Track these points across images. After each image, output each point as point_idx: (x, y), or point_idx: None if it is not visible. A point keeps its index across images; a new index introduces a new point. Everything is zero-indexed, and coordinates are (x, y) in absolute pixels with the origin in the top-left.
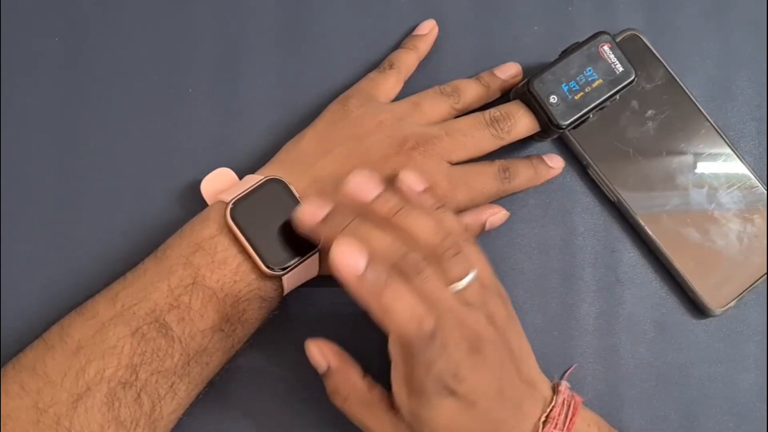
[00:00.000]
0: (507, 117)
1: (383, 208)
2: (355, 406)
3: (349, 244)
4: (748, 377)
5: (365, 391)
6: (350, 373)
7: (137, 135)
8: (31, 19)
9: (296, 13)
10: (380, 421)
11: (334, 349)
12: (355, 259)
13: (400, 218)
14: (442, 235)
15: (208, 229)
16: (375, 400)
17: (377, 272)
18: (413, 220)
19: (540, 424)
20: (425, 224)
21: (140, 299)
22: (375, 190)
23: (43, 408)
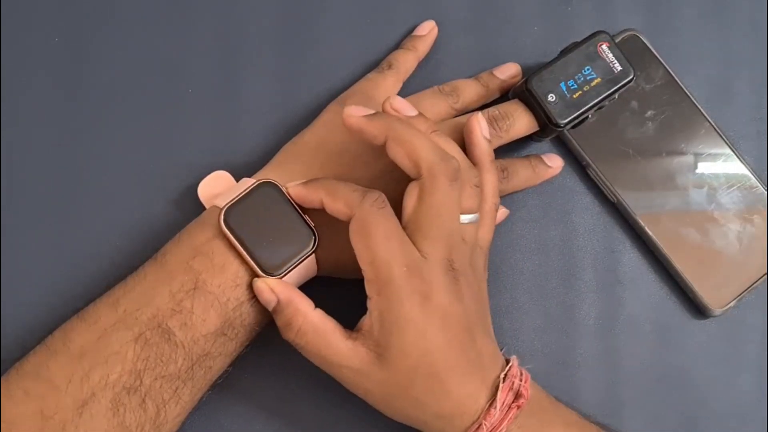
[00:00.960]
0: (505, 116)
1: (422, 126)
2: (309, 335)
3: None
4: (748, 377)
5: (317, 320)
6: (301, 303)
7: (137, 136)
8: (31, 19)
9: (296, 14)
10: (336, 349)
11: (282, 284)
12: (365, 109)
13: (437, 137)
14: (469, 165)
15: (204, 234)
16: (329, 330)
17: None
18: (449, 143)
19: (501, 379)
20: (457, 150)
21: (142, 304)
22: (413, 111)
23: (48, 414)
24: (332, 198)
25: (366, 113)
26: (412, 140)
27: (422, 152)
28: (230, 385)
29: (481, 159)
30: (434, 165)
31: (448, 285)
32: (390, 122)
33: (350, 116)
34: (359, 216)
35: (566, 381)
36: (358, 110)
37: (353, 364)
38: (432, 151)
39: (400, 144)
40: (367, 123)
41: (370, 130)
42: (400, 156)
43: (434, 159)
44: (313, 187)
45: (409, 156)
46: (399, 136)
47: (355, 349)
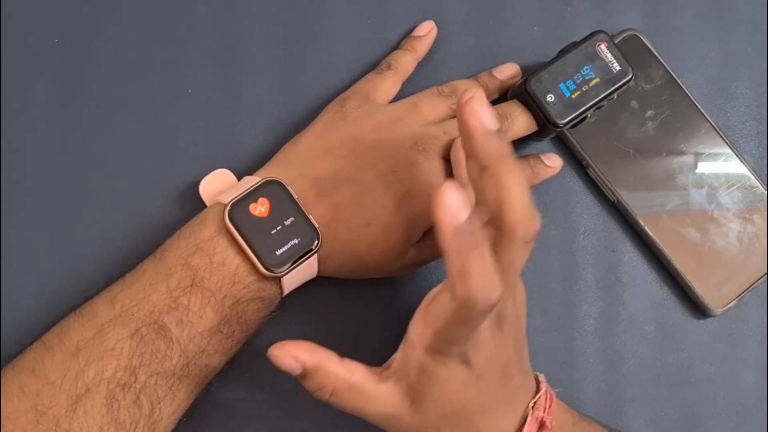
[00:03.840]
0: (504, 116)
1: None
2: (343, 395)
3: (457, 190)
4: (749, 377)
5: (349, 378)
6: (328, 364)
7: (136, 135)
8: (30, 19)
9: (295, 14)
10: (371, 401)
11: (304, 346)
12: (459, 208)
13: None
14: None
15: (207, 230)
16: (360, 382)
17: (472, 230)
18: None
19: (530, 410)
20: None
21: (139, 301)
22: (494, 124)
23: (42, 410)
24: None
25: (490, 124)
26: (510, 188)
27: (514, 206)
28: (230, 384)
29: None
30: (519, 224)
31: (491, 335)
32: (501, 155)
33: (474, 115)
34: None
35: (567, 381)
36: (485, 114)
37: (388, 410)
38: (524, 208)
39: (496, 184)
40: (483, 138)
41: (479, 147)
42: (490, 195)
43: (522, 218)
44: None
45: (498, 201)
46: (503, 174)
47: (389, 396)
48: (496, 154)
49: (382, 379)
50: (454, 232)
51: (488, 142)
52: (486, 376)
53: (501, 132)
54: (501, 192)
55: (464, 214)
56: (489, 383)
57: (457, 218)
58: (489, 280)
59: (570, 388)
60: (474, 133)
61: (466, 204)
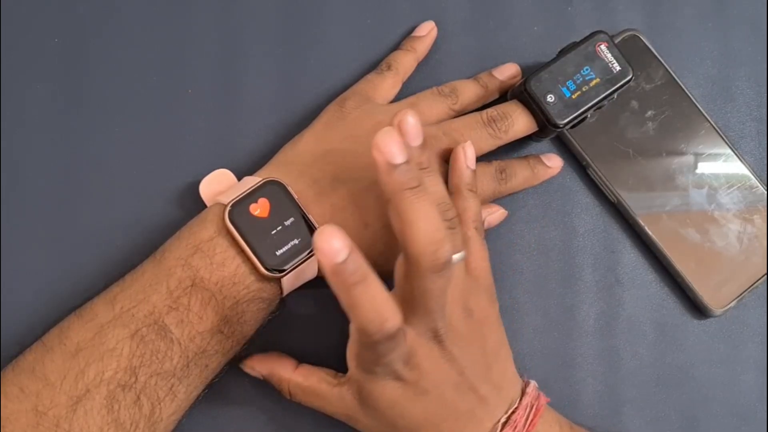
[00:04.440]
0: (504, 117)
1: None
2: (301, 397)
3: (335, 231)
4: (749, 378)
5: (301, 381)
6: (281, 371)
7: (136, 136)
8: (30, 19)
9: (295, 14)
10: (328, 401)
11: (260, 358)
12: (338, 248)
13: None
14: (449, 206)
15: (207, 230)
16: (314, 385)
17: (355, 264)
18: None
19: (499, 425)
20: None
21: (139, 301)
22: (417, 140)
23: (42, 411)
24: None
25: (395, 159)
26: (410, 221)
27: (415, 238)
28: (229, 384)
29: (459, 187)
30: (422, 257)
31: (429, 353)
32: (400, 188)
33: (378, 150)
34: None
35: (566, 381)
36: (390, 148)
37: (342, 410)
38: (425, 239)
39: (399, 217)
40: (384, 173)
41: (382, 181)
42: (395, 227)
43: (424, 251)
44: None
45: (401, 234)
46: (401, 209)
47: (343, 398)
48: (398, 188)
49: (339, 383)
50: (333, 272)
51: (390, 177)
52: (432, 392)
53: (405, 165)
54: (403, 225)
55: (343, 254)
56: (436, 399)
57: (335, 259)
58: (377, 312)
59: (569, 389)
60: (378, 166)
61: (345, 243)
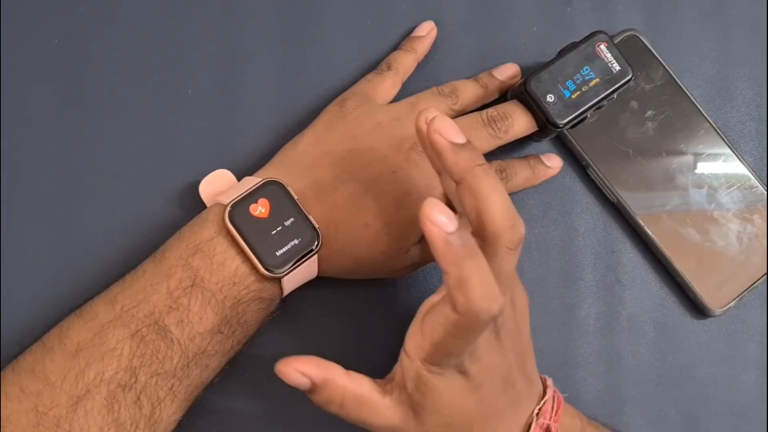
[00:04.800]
0: (504, 117)
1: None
2: (351, 408)
3: (441, 205)
4: (749, 377)
5: (355, 390)
6: (336, 378)
7: (136, 136)
8: (30, 20)
9: (295, 14)
10: (378, 413)
11: (311, 361)
12: (446, 220)
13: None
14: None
15: (207, 231)
16: (366, 394)
17: (464, 239)
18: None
19: (534, 417)
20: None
21: (139, 301)
22: (461, 138)
23: (42, 411)
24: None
25: (457, 138)
26: (488, 197)
27: (494, 214)
28: (230, 384)
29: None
30: (502, 232)
31: (488, 344)
32: (473, 166)
33: (438, 132)
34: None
35: (567, 381)
36: (450, 129)
37: (392, 423)
38: (504, 214)
39: (474, 196)
40: (450, 152)
41: (449, 163)
42: (469, 207)
43: (504, 225)
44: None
45: (477, 212)
46: (476, 186)
47: (393, 408)
48: (469, 166)
49: (386, 391)
50: (446, 243)
51: (458, 156)
52: (485, 385)
53: (469, 144)
54: (479, 203)
55: (452, 226)
56: (488, 392)
57: (445, 230)
58: (490, 290)
59: (570, 389)
60: (443, 149)
61: (452, 216)
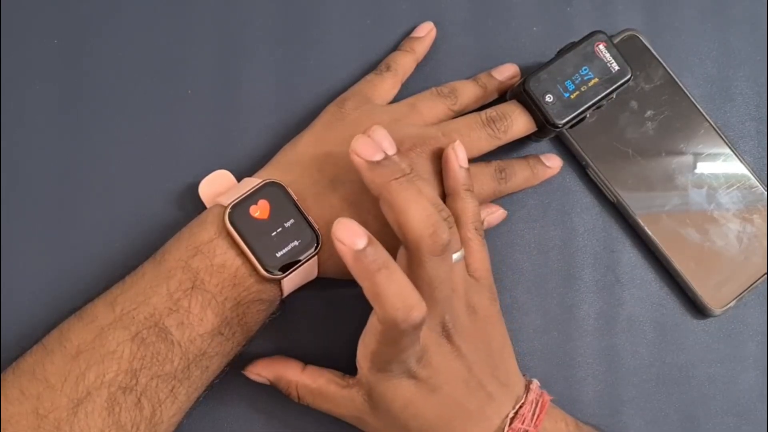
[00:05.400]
0: (503, 117)
1: (397, 168)
2: (309, 398)
3: (351, 222)
4: (748, 377)
5: (310, 383)
6: (288, 374)
7: (136, 137)
8: (30, 20)
9: (295, 15)
10: (337, 404)
11: (265, 363)
12: (357, 236)
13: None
14: (441, 206)
15: (207, 232)
16: (323, 386)
17: (375, 254)
18: (426, 186)
19: (507, 420)
20: (433, 193)
21: (139, 303)
22: (391, 149)
23: (43, 413)
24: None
25: (373, 156)
26: (404, 209)
27: (412, 223)
28: (230, 385)
29: (455, 188)
30: (421, 241)
31: (439, 349)
32: (387, 180)
33: (355, 154)
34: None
35: (566, 381)
36: (366, 149)
37: (352, 412)
38: (422, 224)
39: (391, 209)
40: (366, 171)
41: (368, 179)
42: (390, 221)
43: (421, 234)
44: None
45: (397, 224)
46: (392, 199)
47: (352, 400)
48: (384, 181)
49: (347, 385)
50: (355, 260)
51: (373, 173)
52: (443, 389)
53: (386, 160)
54: (397, 215)
55: (362, 243)
56: (448, 395)
57: (354, 247)
58: (405, 300)
59: (569, 389)
60: (359, 168)
61: (361, 233)
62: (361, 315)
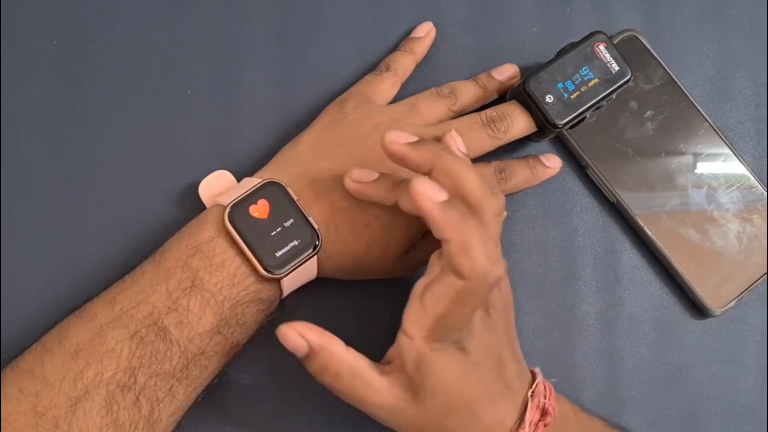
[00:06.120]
0: (503, 117)
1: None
2: (345, 380)
3: (427, 179)
4: (749, 377)
5: (352, 363)
6: (335, 346)
7: (136, 137)
8: (30, 21)
9: (294, 15)
10: (374, 389)
11: (311, 327)
12: (437, 191)
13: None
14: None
15: (206, 231)
16: (364, 370)
17: (457, 206)
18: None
19: (529, 398)
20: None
21: (138, 302)
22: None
23: (41, 411)
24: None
25: (409, 140)
26: (461, 173)
27: (471, 185)
28: (230, 385)
29: None
30: (484, 199)
31: (481, 320)
32: (437, 151)
33: (392, 143)
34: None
35: (567, 381)
36: (401, 136)
37: (389, 402)
38: (481, 184)
39: (448, 175)
40: (410, 151)
41: (414, 159)
42: (448, 187)
43: (484, 193)
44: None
45: (457, 188)
46: (447, 167)
47: (391, 388)
48: (433, 152)
49: (384, 371)
50: (441, 209)
51: (419, 151)
52: (483, 363)
53: (423, 139)
54: (455, 179)
55: (443, 195)
56: (486, 370)
57: (438, 199)
58: (492, 252)
59: (570, 389)
60: (402, 152)
61: (440, 187)
62: (360, 315)
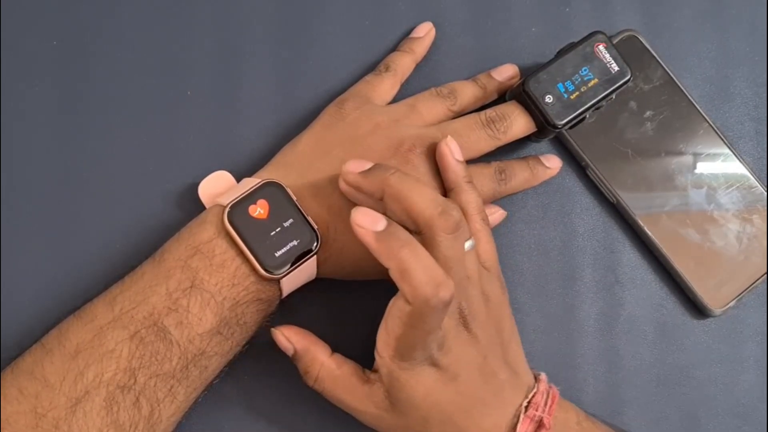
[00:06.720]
0: (503, 117)
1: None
2: (327, 383)
3: (368, 210)
4: (749, 377)
5: (334, 368)
6: (317, 352)
7: (136, 137)
8: (29, 21)
9: (294, 16)
10: (354, 396)
11: (298, 331)
12: (376, 219)
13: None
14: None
15: (206, 232)
16: (346, 376)
17: (395, 233)
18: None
19: (522, 409)
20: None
21: (138, 303)
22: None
23: (41, 412)
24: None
25: (362, 168)
26: (408, 196)
27: (419, 207)
28: (229, 385)
29: (456, 181)
30: (432, 220)
31: (457, 335)
32: (385, 177)
33: (347, 173)
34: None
35: (567, 381)
36: (356, 165)
37: (370, 409)
38: (430, 205)
39: (396, 200)
40: (362, 180)
41: (367, 187)
42: (398, 212)
43: (432, 214)
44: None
45: (406, 211)
46: (394, 192)
47: (371, 395)
48: (382, 179)
49: (368, 380)
50: (377, 239)
51: (368, 179)
52: (461, 376)
53: (376, 166)
54: (403, 202)
55: (381, 224)
56: (465, 383)
57: (374, 228)
58: (433, 275)
59: (570, 389)
60: (354, 181)
61: (379, 216)
62: (360, 315)
